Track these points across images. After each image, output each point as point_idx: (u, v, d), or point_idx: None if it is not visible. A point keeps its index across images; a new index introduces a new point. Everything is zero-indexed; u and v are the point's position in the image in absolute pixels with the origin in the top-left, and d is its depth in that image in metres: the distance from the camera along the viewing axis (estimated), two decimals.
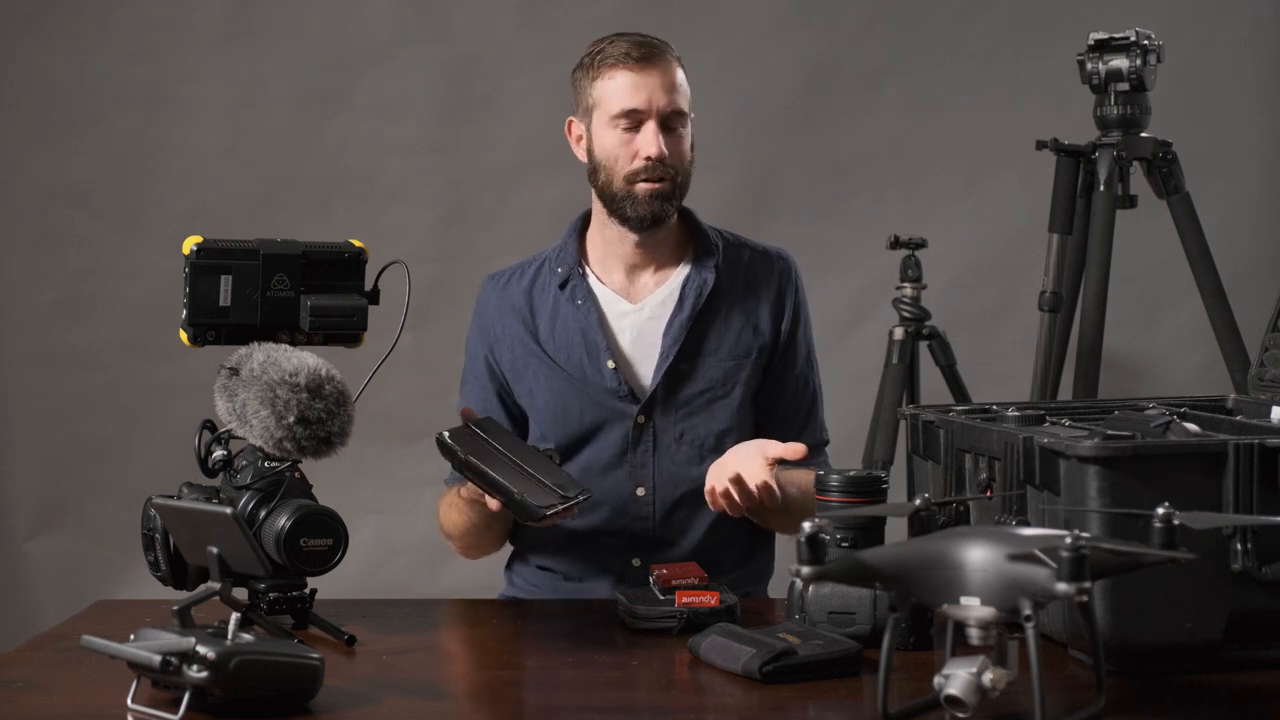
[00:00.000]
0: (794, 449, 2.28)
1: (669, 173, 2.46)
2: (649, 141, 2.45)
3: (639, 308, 2.54)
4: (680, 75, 2.48)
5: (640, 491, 2.49)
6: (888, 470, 3.39)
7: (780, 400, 2.56)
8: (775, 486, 2.28)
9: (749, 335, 2.54)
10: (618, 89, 2.46)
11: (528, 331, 2.56)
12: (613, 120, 2.46)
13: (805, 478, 2.44)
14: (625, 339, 2.53)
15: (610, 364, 2.50)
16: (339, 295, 2.14)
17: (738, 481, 2.27)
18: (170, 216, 3.97)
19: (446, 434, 2.19)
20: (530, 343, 2.55)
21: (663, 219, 2.49)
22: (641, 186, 2.46)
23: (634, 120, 2.45)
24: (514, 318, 2.57)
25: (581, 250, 2.58)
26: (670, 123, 2.46)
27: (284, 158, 4.04)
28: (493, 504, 2.21)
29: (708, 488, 2.32)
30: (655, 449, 2.49)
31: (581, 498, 2.20)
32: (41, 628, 2.57)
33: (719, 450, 2.45)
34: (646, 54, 2.46)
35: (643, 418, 2.49)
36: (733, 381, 2.51)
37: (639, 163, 2.45)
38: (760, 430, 2.52)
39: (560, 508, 2.16)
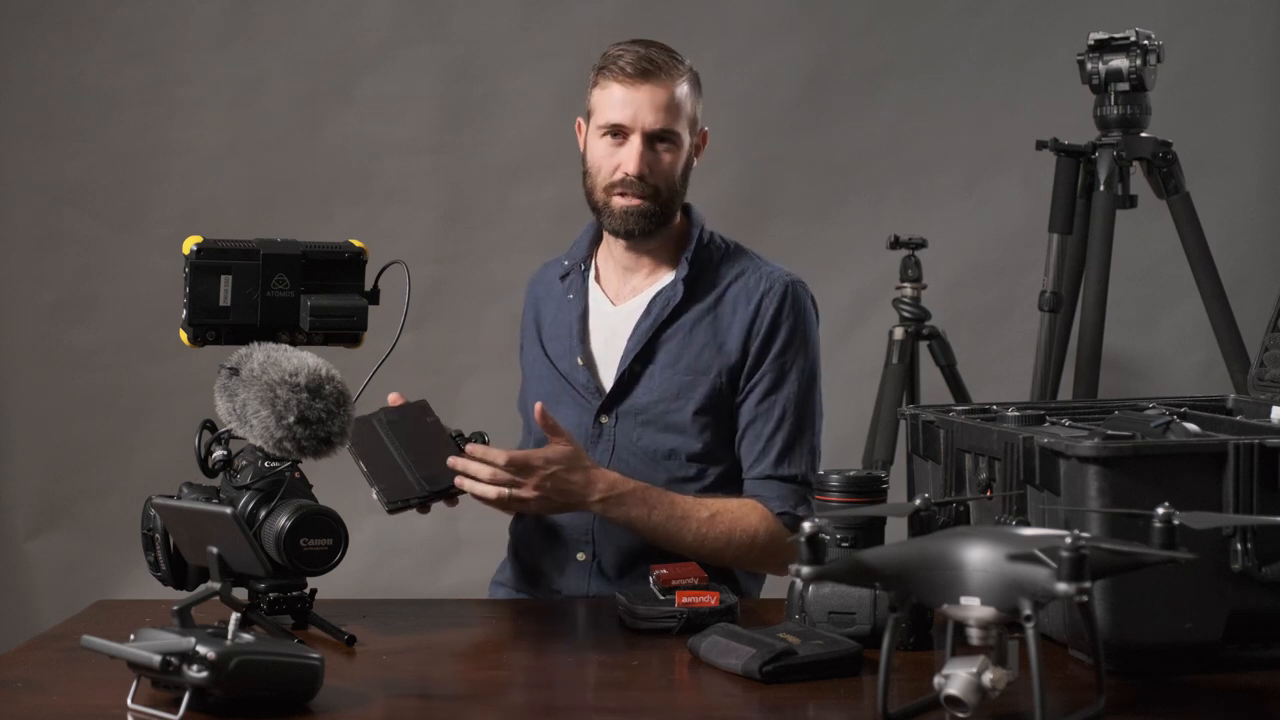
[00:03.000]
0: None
1: (648, 190, 2.47)
2: (630, 158, 2.46)
3: (617, 310, 2.57)
4: (680, 93, 2.48)
5: None
6: (888, 470, 3.39)
7: (739, 422, 2.52)
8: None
9: (711, 353, 2.51)
10: (609, 100, 2.48)
11: (536, 321, 2.64)
12: (600, 130, 2.49)
13: (729, 504, 2.43)
14: (599, 338, 2.56)
15: (579, 360, 2.53)
16: (339, 295, 2.14)
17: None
18: (170, 216, 3.97)
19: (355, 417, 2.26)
20: (534, 331, 2.63)
21: (638, 235, 2.51)
22: (618, 200, 2.49)
23: (620, 134, 2.47)
24: (535, 305, 2.66)
25: (594, 248, 2.62)
26: (658, 141, 2.47)
27: (284, 158, 4.04)
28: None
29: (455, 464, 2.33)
30: (614, 451, 2.50)
31: (430, 498, 2.29)
32: (41, 628, 2.57)
33: (671, 460, 2.48)
34: (643, 70, 2.46)
35: (604, 418, 2.52)
36: (686, 396, 2.50)
37: (618, 175, 2.48)
38: (736, 449, 2.52)
39: (401, 507, 2.27)
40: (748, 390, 2.52)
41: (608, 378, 2.53)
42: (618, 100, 2.47)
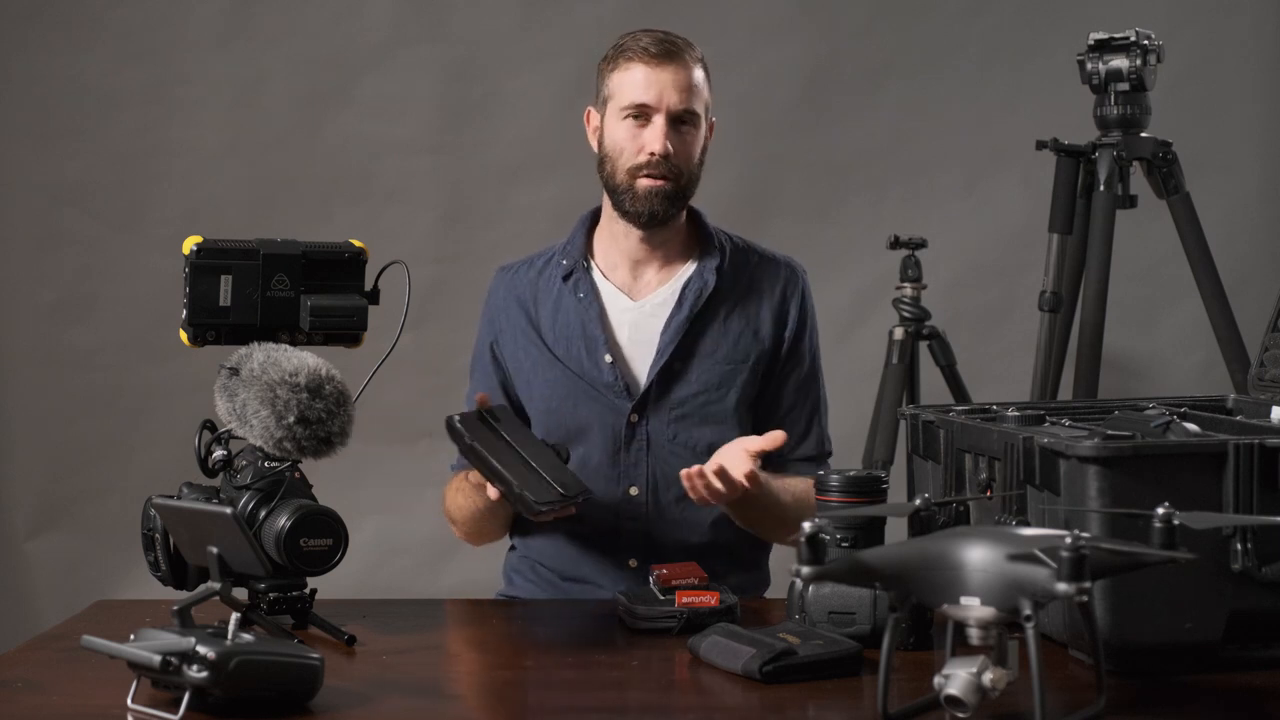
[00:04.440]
0: (772, 438, 2.29)
1: (672, 171, 2.46)
2: (655, 138, 2.46)
3: (639, 304, 2.54)
4: (698, 76, 2.49)
5: (634, 491, 2.49)
6: (888, 470, 3.39)
7: (780, 408, 2.56)
8: (758, 476, 2.28)
9: (748, 340, 2.53)
10: (631, 82, 2.47)
11: (530, 323, 2.56)
12: (623, 112, 2.48)
13: (800, 485, 2.44)
14: (624, 335, 2.53)
15: (608, 358, 2.50)
16: (339, 295, 2.14)
17: (720, 472, 2.26)
18: (170, 216, 3.97)
19: (456, 418, 2.22)
20: (532, 334, 2.56)
21: (662, 217, 2.49)
22: (643, 182, 2.47)
23: (643, 115, 2.47)
24: (518, 309, 2.58)
25: (589, 245, 2.59)
26: (680, 122, 2.47)
27: (284, 158, 4.04)
28: (492, 493, 2.23)
29: (686, 476, 2.30)
30: (649, 449, 2.49)
31: (580, 498, 2.22)
32: (41, 628, 2.57)
33: (711, 454, 2.46)
34: (664, 51, 2.46)
35: (635, 416, 2.49)
36: (728, 385, 2.51)
37: (643, 157, 2.46)
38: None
39: (557, 505, 2.18)
40: (782, 376, 2.55)
41: (641, 374, 2.51)
42: (641, 81, 2.46)
